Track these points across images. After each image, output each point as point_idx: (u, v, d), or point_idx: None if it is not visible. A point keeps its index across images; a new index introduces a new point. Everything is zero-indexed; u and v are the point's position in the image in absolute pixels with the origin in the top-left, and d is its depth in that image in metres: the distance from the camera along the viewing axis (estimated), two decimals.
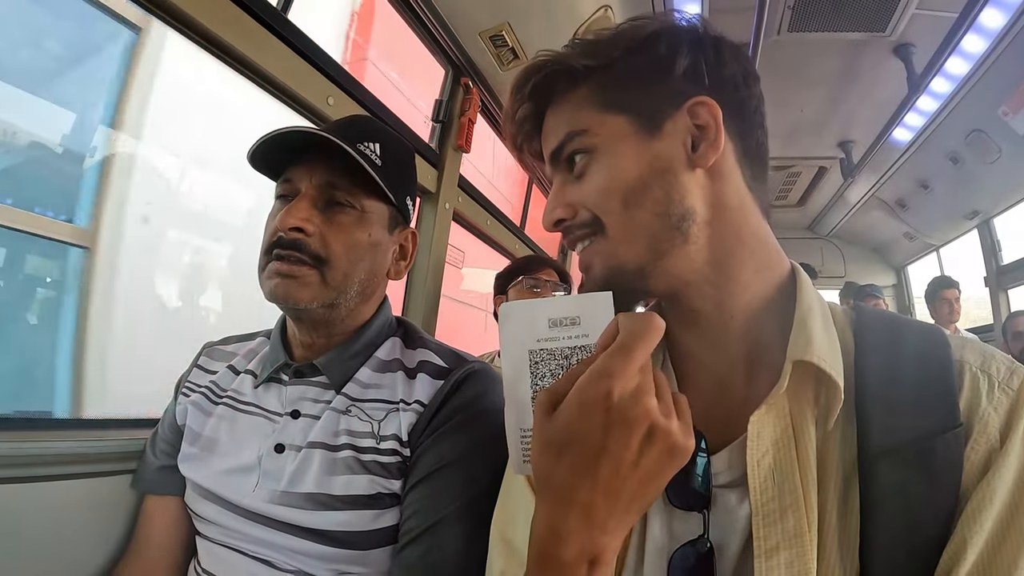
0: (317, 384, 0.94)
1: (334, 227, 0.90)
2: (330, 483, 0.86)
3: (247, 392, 0.97)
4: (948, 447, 0.53)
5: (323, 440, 0.88)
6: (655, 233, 0.60)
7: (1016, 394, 0.55)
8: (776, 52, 2.87)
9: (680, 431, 0.46)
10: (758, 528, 0.54)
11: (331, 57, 1.57)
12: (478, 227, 2.67)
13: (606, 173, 0.61)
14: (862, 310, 0.66)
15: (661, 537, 0.61)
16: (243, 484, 0.89)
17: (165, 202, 3.09)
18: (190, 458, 0.96)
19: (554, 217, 0.65)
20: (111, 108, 2.91)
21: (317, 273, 0.88)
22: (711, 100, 0.61)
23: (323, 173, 0.90)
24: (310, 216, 0.87)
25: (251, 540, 0.88)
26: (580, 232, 0.64)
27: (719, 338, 0.64)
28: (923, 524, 0.51)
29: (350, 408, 0.91)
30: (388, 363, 0.96)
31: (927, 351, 0.59)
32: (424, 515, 0.82)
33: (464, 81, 2.27)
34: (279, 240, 0.87)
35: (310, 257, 0.87)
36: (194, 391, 1.01)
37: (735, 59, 0.64)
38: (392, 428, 0.88)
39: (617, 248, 0.61)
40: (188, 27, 1.18)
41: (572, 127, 0.64)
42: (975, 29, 2.57)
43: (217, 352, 1.07)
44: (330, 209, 0.90)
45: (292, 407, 0.93)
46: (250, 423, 0.94)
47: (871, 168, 4.18)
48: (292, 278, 0.87)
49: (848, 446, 0.55)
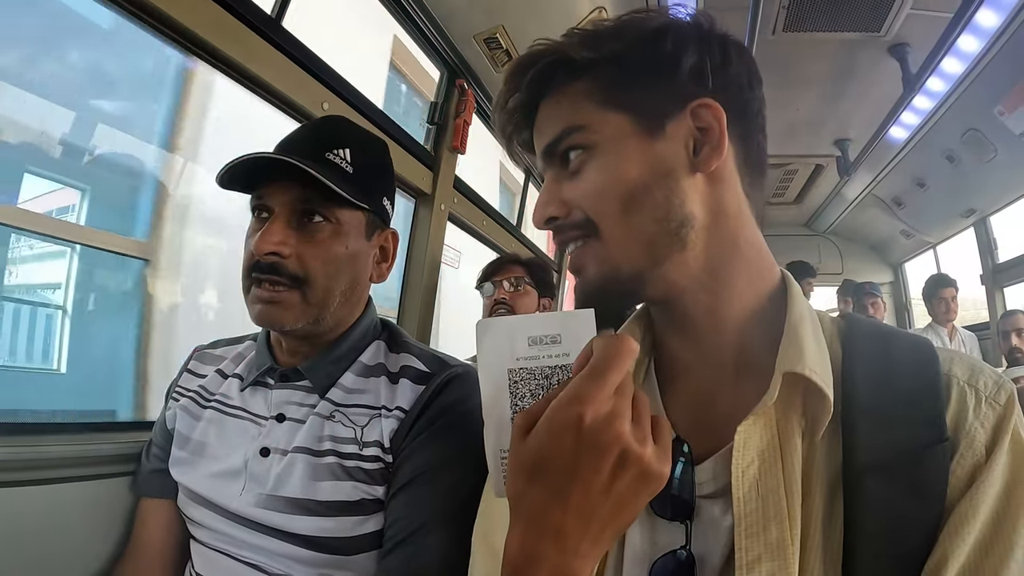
0: (302, 388, 0.95)
1: (311, 245, 0.89)
2: (313, 488, 0.86)
3: (234, 396, 0.98)
4: (934, 461, 0.52)
5: (307, 445, 0.89)
6: (653, 239, 0.58)
7: (1003, 409, 0.54)
8: (771, 51, 2.87)
9: (655, 456, 0.46)
10: (740, 539, 0.53)
11: (326, 63, 1.58)
12: (474, 227, 2.68)
13: (604, 173, 0.59)
14: (851, 320, 0.65)
15: (641, 546, 0.60)
16: (231, 488, 0.90)
17: (212, 215, 3.35)
18: (180, 462, 0.96)
19: (546, 214, 0.62)
20: (165, 135, 3.35)
21: (298, 293, 0.89)
22: (715, 103, 0.59)
23: (294, 190, 0.89)
24: (284, 238, 0.87)
25: (240, 544, 0.89)
26: (573, 232, 0.62)
27: (710, 345, 0.63)
28: (907, 538, 0.51)
29: (334, 414, 0.91)
30: (372, 368, 0.96)
31: (915, 364, 0.58)
32: (407, 521, 0.83)
33: (459, 83, 2.28)
34: (257, 264, 0.87)
35: (289, 279, 0.88)
36: (183, 395, 1.02)
37: (740, 59, 0.62)
38: (375, 434, 0.89)
39: (612, 252, 0.59)
40: (182, 35, 1.19)
41: (569, 122, 0.61)
42: (970, 29, 2.56)
43: (207, 356, 1.07)
44: (304, 226, 0.90)
45: (277, 411, 0.93)
46: (237, 427, 0.95)
47: (868, 166, 4.17)
48: (274, 303, 0.88)
49: (833, 458, 0.55)
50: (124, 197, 3.29)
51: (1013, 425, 0.53)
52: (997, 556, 0.49)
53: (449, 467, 0.84)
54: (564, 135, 0.61)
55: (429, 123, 2.28)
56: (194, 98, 3.32)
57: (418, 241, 2.22)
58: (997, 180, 3.69)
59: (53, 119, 2.80)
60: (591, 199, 0.60)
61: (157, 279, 3.22)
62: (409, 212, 2.25)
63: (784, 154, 4.32)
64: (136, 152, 3.33)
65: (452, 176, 2.31)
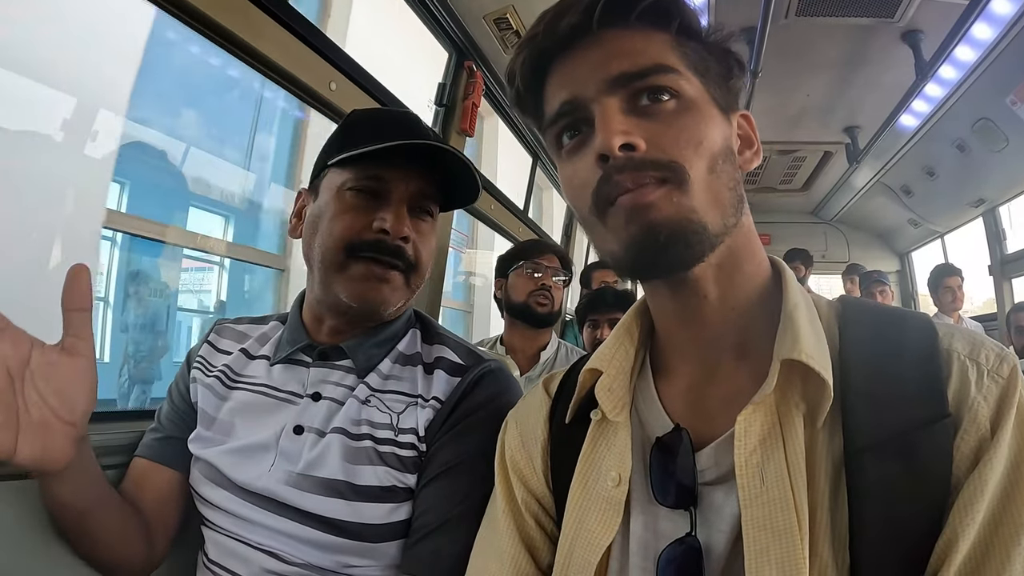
0: (341, 368, 0.93)
1: (420, 235, 0.93)
2: (347, 471, 0.85)
3: (262, 374, 0.96)
4: (935, 439, 0.52)
5: (345, 427, 0.88)
6: (728, 206, 0.59)
7: (1006, 382, 0.53)
8: (784, 36, 2.84)
9: None
10: (747, 528, 0.53)
11: (333, 42, 1.55)
12: (482, 211, 2.67)
13: (699, 128, 0.58)
14: (848, 302, 0.65)
15: (645, 535, 0.61)
16: (259, 464, 0.88)
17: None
18: (202, 439, 0.94)
19: (626, 140, 0.56)
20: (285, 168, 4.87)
21: (403, 277, 0.90)
22: (750, 115, 0.66)
23: (418, 181, 0.91)
24: (411, 225, 0.91)
25: (257, 528, 0.87)
26: (652, 173, 0.56)
27: (715, 331, 0.63)
28: (912, 517, 0.50)
29: (370, 399, 0.90)
30: (409, 357, 0.96)
31: (914, 341, 0.58)
32: (439, 511, 0.82)
33: (468, 64, 2.24)
34: (380, 244, 0.88)
35: (405, 264, 0.90)
36: (207, 372, 1.00)
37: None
38: (411, 422, 0.88)
39: (697, 204, 0.56)
40: (188, 14, 1.17)
41: (660, 60, 0.59)
42: (985, 16, 2.53)
43: (227, 330, 1.05)
44: (416, 216, 0.93)
45: (314, 389, 0.92)
46: (268, 404, 0.93)
47: (876, 154, 4.15)
48: (386, 283, 0.89)
49: (836, 441, 0.54)
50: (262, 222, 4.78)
51: (1018, 398, 0.53)
52: (1007, 533, 0.48)
53: (480, 461, 0.83)
54: (655, 70, 0.58)
55: (437, 105, 2.25)
56: (308, 142, 4.57)
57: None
58: (1008, 170, 3.67)
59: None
60: (686, 147, 0.57)
61: (289, 285, 4.13)
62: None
63: (793, 140, 4.30)
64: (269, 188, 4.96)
65: None
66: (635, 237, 0.57)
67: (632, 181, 0.56)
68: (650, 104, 0.58)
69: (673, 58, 0.60)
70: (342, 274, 0.88)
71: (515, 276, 2.07)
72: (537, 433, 0.75)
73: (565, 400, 0.72)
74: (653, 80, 0.58)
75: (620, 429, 0.65)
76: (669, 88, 0.58)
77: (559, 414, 0.73)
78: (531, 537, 0.71)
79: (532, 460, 0.74)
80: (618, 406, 0.65)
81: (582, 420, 0.69)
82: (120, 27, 2.99)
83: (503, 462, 0.76)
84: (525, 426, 0.77)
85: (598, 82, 0.59)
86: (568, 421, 0.70)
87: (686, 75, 0.59)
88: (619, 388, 0.66)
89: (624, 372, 0.67)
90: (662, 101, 0.58)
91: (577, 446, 0.68)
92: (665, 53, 0.60)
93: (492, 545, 0.72)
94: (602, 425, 0.67)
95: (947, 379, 0.54)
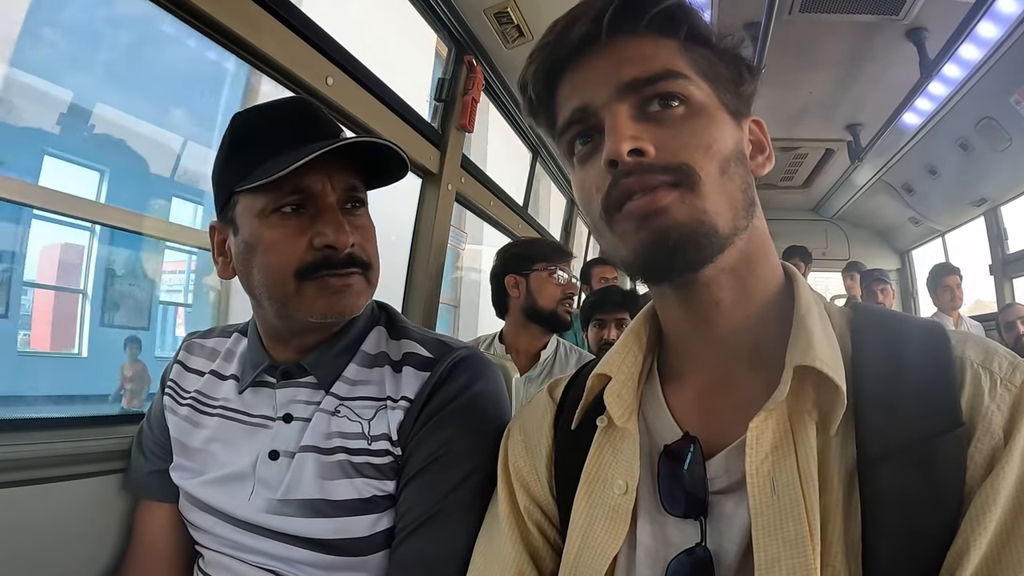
0: (307, 385, 0.90)
1: (359, 230, 0.86)
2: (325, 488, 0.83)
3: (234, 399, 0.93)
4: (949, 448, 0.51)
5: (315, 444, 0.85)
6: (740, 208, 0.59)
7: (1018, 390, 0.53)
8: (787, 32, 2.82)
9: None
10: (758, 537, 0.53)
11: (330, 36, 1.53)
12: (481, 208, 2.65)
13: (708, 132, 0.58)
14: (859, 308, 0.65)
15: (654, 545, 0.60)
16: (238, 494, 0.86)
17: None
18: (183, 469, 0.92)
19: (634, 145, 0.56)
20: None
21: (363, 278, 0.86)
22: (762, 121, 0.66)
23: (341, 176, 0.84)
24: (349, 227, 0.83)
25: (250, 551, 0.85)
26: (662, 177, 0.56)
27: (728, 337, 0.63)
28: (926, 527, 0.50)
29: (339, 408, 0.87)
30: (375, 357, 0.92)
31: (927, 348, 0.57)
32: (420, 510, 0.80)
33: (467, 59, 2.21)
34: (331, 260, 0.82)
35: (360, 266, 0.85)
36: (179, 399, 0.97)
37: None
38: (382, 427, 0.85)
39: (708, 206, 0.56)
40: (184, 9, 1.15)
41: (669, 66, 0.59)
42: (990, 15, 2.53)
43: (196, 347, 1.02)
44: (349, 213, 0.86)
45: (284, 411, 0.89)
46: (242, 431, 0.90)
47: (878, 152, 4.15)
48: (350, 290, 0.84)
49: (848, 450, 0.54)
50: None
51: None
52: (1019, 543, 0.48)
53: (460, 454, 0.82)
54: (665, 76, 0.59)
55: (436, 100, 2.22)
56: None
57: (424, 222, 2.16)
58: (1011, 169, 3.67)
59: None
60: (696, 150, 0.58)
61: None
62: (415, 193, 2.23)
63: (794, 138, 4.29)
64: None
65: (459, 155, 2.26)
66: (645, 242, 0.57)
67: (641, 185, 0.57)
68: (660, 110, 0.59)
69: (682, 64, 0.60)
70: (300, 299, 0.82)
71: (541, 280, 2.00)
72: (541, 440, 0.75)
73: (570, 406, 0.72)
74: (662, 86, 0.59)
75: (627, 436, 0.65)
76: (678, 94, 0.59)
77: (564, 420, 0.73)
78: (534, 546, 0.71)
79: (536, 467, 0.74)
80: (627, 413, 0.65)
81: (587, 427, 0.68)
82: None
83: (506, 469, 0.76)
84: (529, 433, 0.77)
85: (608, 89, 0.59)
86: (574, 427, 0.70)
87: (695, 80, 0.60)
88: (628, 394, 0.66)
89: (632, 378, 0.67)
90: (672, 107, 0.59)
91: (582, 453, 0.68)
92: (674, 59, 0.60)
93: (493, 553, 0.72)
94: (608, 432, 0.67)
95: (960, 388, 0.54)
